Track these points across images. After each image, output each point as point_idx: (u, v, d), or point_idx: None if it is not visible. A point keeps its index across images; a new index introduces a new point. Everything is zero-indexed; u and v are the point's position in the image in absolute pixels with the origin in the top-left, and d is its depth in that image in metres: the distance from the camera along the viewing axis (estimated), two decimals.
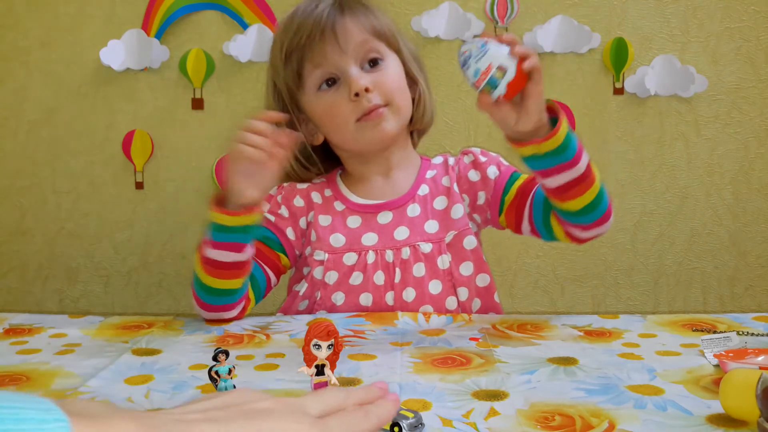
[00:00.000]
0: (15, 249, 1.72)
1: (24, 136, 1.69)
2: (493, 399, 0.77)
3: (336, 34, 1.14)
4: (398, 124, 1.18)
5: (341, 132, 1.18)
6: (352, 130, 1.16)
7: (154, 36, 1.65)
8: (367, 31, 1.17)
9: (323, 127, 1.21)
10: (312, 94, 1.18)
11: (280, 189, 1.25)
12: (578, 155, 1.01)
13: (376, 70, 1.17)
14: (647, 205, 1.73)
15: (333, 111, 1.16)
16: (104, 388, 0.82)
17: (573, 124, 1.67)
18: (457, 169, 1.24)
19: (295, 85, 1.19)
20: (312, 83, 1.17)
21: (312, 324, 0.72)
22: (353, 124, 1.15)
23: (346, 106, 1.15)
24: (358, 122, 1.15)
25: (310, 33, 1.14)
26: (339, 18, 1.15)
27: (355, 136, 1.17)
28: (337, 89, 1.16)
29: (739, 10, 1.67)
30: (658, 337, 0.99)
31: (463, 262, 1.19)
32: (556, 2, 1.67)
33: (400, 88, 1.19)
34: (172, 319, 1.12)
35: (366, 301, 1.17)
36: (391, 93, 1.16)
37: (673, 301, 1.76)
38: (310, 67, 1.16)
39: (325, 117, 1.18)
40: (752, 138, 1.71)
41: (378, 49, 1.18)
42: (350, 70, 1.14)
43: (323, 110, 1.18)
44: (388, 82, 1.17)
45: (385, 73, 1.17)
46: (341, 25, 1.15)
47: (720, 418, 0.71)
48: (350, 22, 1.16)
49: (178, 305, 1.73)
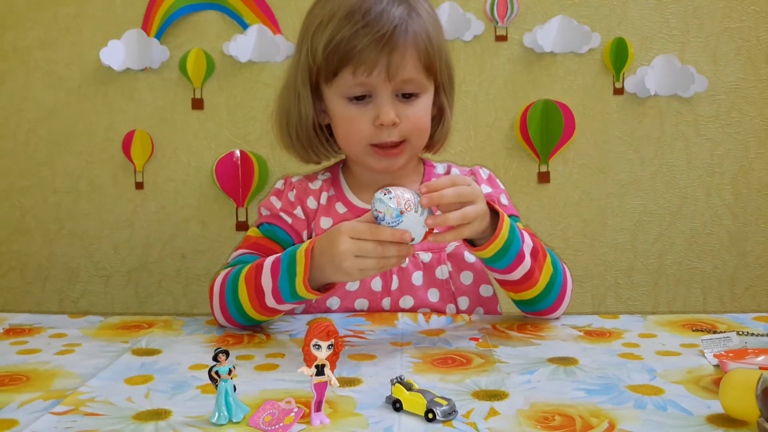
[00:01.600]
0: (15, 249, 1.72)
1: (24, 136, 1.69)
2: (493, 399, 0.77)
3: (391, 59, 1.07)
4: (408, 158, 1.17)
5: (352, 147, 1.16)
6: (362, 150, 1.14)
7: (154, 36, 1.65)
8: (422, 62, 1.10)
9: (335, 127, 1.17)
10: (337, 97, 1.13)
11: (289, 185, 1.22)
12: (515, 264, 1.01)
13: (409, 104, 1.12)
14: (647, 205, 1.73)
15: (352, 126, 1.13)
16: (104, 388, 0.82)
17: (573, 124, 1.67)
18: None
19: (325, 78, 1.12)
20: (343, 89, 1.11)
21: (312, 324, 0.72)
22: (366, 146, 1.13)
23: (367, 128, 1.11)
24: (371, 146, 1.13)
25: (366, 45, 1.07)
26: (402, 38, 1.08)
27: (363, 157, 1.15)
28: (364, 106, 1.11)
29: (739, 10, 1.67)
30: (658, 337, 0.99)
31: (464, 271, 1.18)
32: (556, 2, 1.67)
33: (424, 126, 1.15)
34: (172, 319, 1.12)
35: (361, 306, 1.16)
36: (413, 131, 1.13)
37: (673, 302, 1.76)
38: (349, 75, 1.09)
39: (342, 125, 1.15)
40: (752, 138, 1.71)
41: (420, 85, 1.12)
42: (385, 98, 1.10)
43: (343, 119, 1.14)
44: (415, 119, 1.13)
45: (416, 110, 1.13)
46: (401, 49, 1.08)
47: (720, 418, 0.71)
48: (410, 49, 1.09)
49: (178, 305, 1.73)
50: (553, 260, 1.08)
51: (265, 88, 1.67)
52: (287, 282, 0.98)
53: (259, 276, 1.01)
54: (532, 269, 1.03)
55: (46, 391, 0.81)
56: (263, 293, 1.01)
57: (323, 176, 1.24)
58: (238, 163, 1.67)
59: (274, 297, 1.00)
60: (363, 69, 1.08)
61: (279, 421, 0.70)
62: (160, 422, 0.72)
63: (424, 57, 1.11)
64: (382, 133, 1.11)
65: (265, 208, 1.22)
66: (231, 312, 1.05)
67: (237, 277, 1.05)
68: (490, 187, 1.22)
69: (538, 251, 1.05)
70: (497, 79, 1.69)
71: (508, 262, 1.01)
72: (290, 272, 0.98)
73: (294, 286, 0.98)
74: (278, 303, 1.01)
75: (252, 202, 1.69)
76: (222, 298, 1.06)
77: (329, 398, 0.75)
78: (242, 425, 0.71)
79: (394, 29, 1.07)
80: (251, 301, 1.02)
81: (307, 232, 1.20)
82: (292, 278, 0.98)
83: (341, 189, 1.22)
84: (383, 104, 1.10)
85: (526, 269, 1.03)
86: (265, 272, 1.01)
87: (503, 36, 1.67)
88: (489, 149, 1.70)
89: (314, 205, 1.20)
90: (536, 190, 1.72)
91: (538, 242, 1.07)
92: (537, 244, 1.06)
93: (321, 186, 1.22)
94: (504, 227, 0.98)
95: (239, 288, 1.04)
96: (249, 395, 0.78)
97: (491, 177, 1.25)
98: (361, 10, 1.08)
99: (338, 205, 1.21)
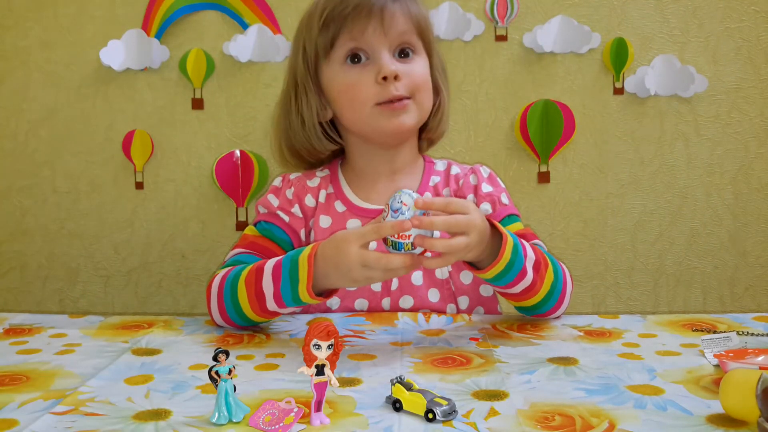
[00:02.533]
0: (15, 249, 1.72)
1: (24, 136, 1.69)
2: (493, 399, 0.77)
3: (383, 14, 1.12)
4: (416, 120, 1.16)
5: (357, 112, 1.14)
6: (368, 113, 1.13)
7: (154, 36, 1.65)
8: (412, 22, 1.15)
9: (338, 103, 1.17)
10: (337, 65, 1.15)
11: (287, 182, 1.22)
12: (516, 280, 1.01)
13: (407, 62, 1.15)
14: (647, 205, 1.73)
15: (355, 89, 1.13)
16: (104, 388, 0.82)
17: (573, 124, 1.67)
18: (461, 184, 1.21)
19: (324, 51, 1.15)
20: (340, 54, 1.14)
21: (312, 324, 0.72)
22: (372, 107, 1.13)
23: (371, 87, 1.12)
24: (377, 106, 1.13)
25: (357, 5, 1.12)
26: (390, 2, 1.13)
27: (370, 120, 1.14)
28: (364, 68, 1.13)
29: (739, 10, 1.67)
30: (658, 337, 0.99)
31: (464, 271, 1.17)
32: (556, 2, 1.67)
33: (426, 85, 1.17)
34: (172, 319, 1.12)
35: (361, 306, 1.16)
36: (418, 87, 1.14)
37: (673, 301, 1.76)
38: (346, 38, 1.13)
39: (344, 93, 1.15)
40: (752, 138, 1.71)
41: (414, 43, 1.16)
42: (383, 52, 1.13)
43: (345, 85, 1.14)
44: (417, 75, 1.15)
45: (415, 66, 1.15)
46: (390, 7, 1.13)
47: (720, 418, 0.71)
48: (399, 7, 1.14)
49: (178, 305, 1.73)
50: (554, 267, 1.08)
51: (265, 88, 1.67)
52: (289, 287, 0.98)
53: (260, 280, 1.01)
54: (533, 282, 1.03)
55: (46, 391, 0.81)
56: (264, 297, 1.01)
57: (321, 173, 1.23)
58: (238, 163, 1.67)
59: (275, 301, 1.00)
60: (358, 28, 1.12)
61: (279, 421, 0.70)
62: (160, 422, 0.72)
63: (414, 19, 1.15)
64: (388, 88, 1.12)
65: (263, 206, 1.21)
66: (229, 313, 1.05)
67: (236, 280, 1.05)
68: (490, 185, 1.22)
69: (540, 263, 1.04)
70: (497, 79, 1.69)
71: (509, 280, 1.01)
72: (293, 278, 0.98)
73: (297, 292, 0.98)
74: (280, 307, 1.01)
75: (252, 202, 1.69)
76: (220, 299, 1.06)
77: (329, 398, 0.75)
78: (242, 425, 0.71)
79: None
80: (251, 304, 1.02)
81: (305, 230, 1.19)
82: (295, 284, 0.98)
83: (340, 186, 1.22)
84: (383, 59, 1.12)
85: (527, 284, 1.02)
86: (266, 276, 1.01)
87: (503, 36, 1.68)
88: (489, 149, 1.70)
89: (312, 203, 1.20)
90: (536, 190, 1.72)
91: (540, 253, 1.06)
92: (539, 255, 1.05)
93: (319, 183, 1.22)
94: (506, 252, 0.97)
95: (239, 290, 1.03)
96: (249, 395, 0.78)
97: (491, 175, 1.24)
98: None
99: (337, 203, 1.20)
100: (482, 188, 1.20)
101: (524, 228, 1.20)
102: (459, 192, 1.21)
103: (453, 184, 1.22)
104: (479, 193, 1.20)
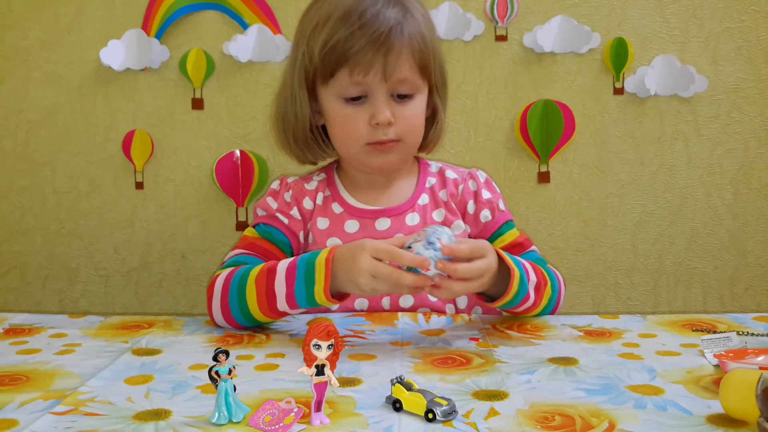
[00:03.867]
0: (15, 249, 1.72)
1: (24, 136, 1.69)
2: (493, 399, 0.77)
3: (387, 60, 1.09)
4: (404, 157, 1.19)
5: (348, 147, 1.16)
6: (359, 150, 1.15)
7: (154, 36, 1.65)
8: (416, 63, 1.12)
9: (331, 128, 1.18)
10: (333, 97, 1.14)
11: (285, 185, 1.23)
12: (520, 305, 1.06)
13: (404, 104, 1.13)
14: (647, 205, 1.73)
15: (348, 126, 1.14)
16: (104, 388, 0.82)
17: (573, 124, 1.67)
18: (460, 190, 1.22)
19: (323, 78, 1.13)
20: (339, 90, 1.12)
21: (312, 324, 0.72)
22: (362, 146, 1.14)
23: (364, 127, 1.13)
24: (367, 145, 1.14)
25: (361, 48, 1.08)
26: (397, 39, 1.09)
27: (359, 156, 1.16)
28: (360, 106, 1.12)
29: (739, 10, 1.67)
30: (658, 337, 0.99)
31: None
32: (556, 2, 1.67)
33: (418, 126, 1.17)
34: (172, 319, 1.12)
35: (361, 305, 1.16)
36: (409, 131, 1.15)
37: (673, 301, 1.76)
38: (346, 75, 1.10)
39: (338, 126, 1.16)
40: (752, 138, 1.71)
41: (414, 86, 1.14)
42: (380, 98, 1.11)
43: (339, 119, 1.14)
44: (410, 119, 1.14)
45: (411, 109, 1.14)
46: (397, 50, 1.09)
47: (720, 418, 0.71)
48: (405, 50, 1.10)
49: (178, 305, 1.73)
50: (552, 281, 1.12)
51: (265, 88, 1.67)
52: (304, 289, 0.99)
53: (272, 280, 1.02)
54: (535, 302, 1.07)
55: (46, 391, 0.81)
56: (275, 297, 1.02)
57: (318, 177, 1.25)
58: (238, 163, 1.67)
59: (287, 302, 1.01)
60: (359, 70, 1.09)
61: (279, 421, 0.70)
62: (160, 422, 0.72)
63: (418, 58, 1.12)
64: (378, 132, 1.12)
65: (261, 208, 1.22)
66: (233, 312, 1.06)
67: (244, 279, 1.05)
68: (489, 192, 1.23)
69: (541, 284, 1.08)
70: (497, 79, 1.69)
71: (514, 305, 1.05)
72: (308, 280, 0.99)
73: (312, 294, 0.99)
74: (291, 308, 1.02)
75: (252, 202, 1.69)
76: (224, 299, 1.06)
77: (329, 398, 0.75)
78: (242, 425, 0.71)
79: (390, 30, 1.08)
80: (260, 303, 1.03)
81: (303, 232, 1.20)
82: (310, 286, 0.99)
83: (336, 189, 1.23)
84: (379, 104, 1.11)
85: (529, 304, 1.07)
86: (278, 277, 1.02)
87: (503, 36, 1.68)
88: (489, 149, 1.70)
89: (310, 206, 1.21)
90: (536, 190, 1.72)
91: (540, 272, 1.09)
92: (539, 277, 1.08)
93: (316, 186, 1.22)
94: (514, 285, 1.02)
95: (247, 290, 1.04)
96: (249, 395, 0.78)
97: (488, 180, 1.26)
98: (357, 12, 1.09)
99: (334, 206, 1.21)
100: (482, 195, 1.22)
101: (519, 234, 1.23)
102: (460, 199, 1.22)
103: (451, 188, 1.23)
104: (479, 200, 1.22)
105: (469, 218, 1.22)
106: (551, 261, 1.73)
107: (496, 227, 1.22)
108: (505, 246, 1.20)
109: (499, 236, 1.21)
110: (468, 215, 1.22)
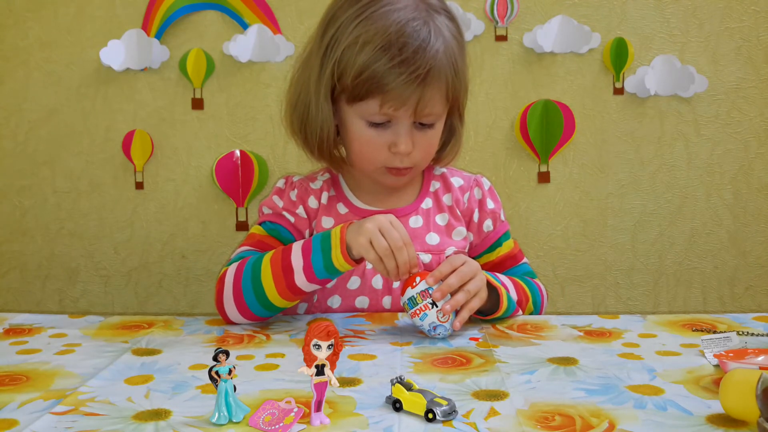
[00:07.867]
0: (15, 249, 1.72)
1: (24, 136, 1.69)
2: (493, 399, 0.77)
3: (421, 98, 1.08)
4: (414, 177, 1.22)
5: (363, 165, 1.17)
6: (374, 169, 1.16)
7: (154, 36, 1.65)
8: (448, 98, 1.12)
9: (350, 144, 1.16)
10: (357, 118, 1.12)
11: (290, 184, 1.23)
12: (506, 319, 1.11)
13: (424, 132, 1.13)
14: (647, 205, 1.73)
15: (368, 147, 1.14)
16: (104, 388, 0.82)
17: (573, 124, 1.67)
18: (466, 198, 1.24)
19: (349, 99, 1.11)
20: (366, 115, 1.11)
21: (312, 324, 0.72)
22: (378, 167, 1.15)
23: (383, 152, 1.13)
24: (383, 167, 1.15)
25: (400, 85, 1.06)
26: (435, 78, 1.08)
27: (373, 174, 1.17)
28: (383, 131, 1.12)
29: (739, 10, 1.67)
30: (658, 337, 0.99)
31: None
32: (556, 2, 1.67)
33: (433, 152, 1.19)
34: (172, 319, 1.12)
35: (362, 304, 1.17)
36: (424, 158, 1.17)
37: (673, 301, 1.76)
38: (376, 105, 1.09)
39: (357, 145, 1.15)
40: (752, 138, 1.71)
41: (439, 117, 1.14)
42: (405, 127, 1.11)
43: (360, 140, 1.14)
44: (427, 147, 1.16)
45: (429, 137, 1.15)
46: (431, 89, 1.08)
47: (720, 418, 0.71)
48: (440, 87, 1.09)
49: (178, 305, 1.73)
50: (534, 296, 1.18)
51: (265, 88, 1.67)
52: (321, 257, 1.03)
53: (288, 256, 1.05)
54: (515, 312, 1.13)
55: (46, 391, 0.81)
56: (292, 272, 1.04)
57: (323, 177, 1.25)
58: (238, 163, 1.67)
59: (305, 274, 1.04)
60: (391, 104, 1.08)
61: (279, 421, 0.70)
62: (160, 422, 0.72)
63: (451, 92, 1.12)
64: (396, 159, 1.14)
65: (267, 206, 1.23)
66: (248, 299, 1.07)
67: (258, 262, 1.07)
68: (493, 201, 1.25)
69: (522, 300, 1.15)
70: (497, 79, 1.69)
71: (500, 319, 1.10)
72: (324, 248, 1.04)
73: (330, 259, 1.03)
74: (309, 280, 1.05)
75: (252, 202, 1.69)
76: (237, 287, 1.07)
77: (329, 398, 0.75)
78: (242, 425, 0.71)
79: (429, 71, 1.07)
80: (276, 282, 1.05)
81: (309, 231, 1.21)
82: (327, 253, 1.03)
83: (341, 190, 1.23)
84: (403, 134, 1.12)
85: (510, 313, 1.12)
86: (295, 252, 1.05)
87: (503, 36, 1.68)
88: (489, 149, 1.70)
89: (315, 205, 1.21)
90: (536, 190, 1.72)
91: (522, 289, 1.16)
92: (521, 293, 1.15)
93: (321, 186, 1.23)
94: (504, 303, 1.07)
95: (262, 271, 1.06)
96: (249, 395, 0.78)
97: (491, 189, 1.28)
98: (398, 44, 1.06)
99: (339, 206, 1.21)
100: (487, 204, 1.24)
101: (514, 245, 1.27)
102: (467, 207, 1.24)
103: (456, 194, 1.24)
104: (484, 209, 1.24)
105: (473, 226, 1.23)
106: (551, 261, 1.74)
107: (496, 238, 1.24)
108: (499, 258, 1.23)
109: (497, 247, 1.24)
110: (472, 223, 1.23)
